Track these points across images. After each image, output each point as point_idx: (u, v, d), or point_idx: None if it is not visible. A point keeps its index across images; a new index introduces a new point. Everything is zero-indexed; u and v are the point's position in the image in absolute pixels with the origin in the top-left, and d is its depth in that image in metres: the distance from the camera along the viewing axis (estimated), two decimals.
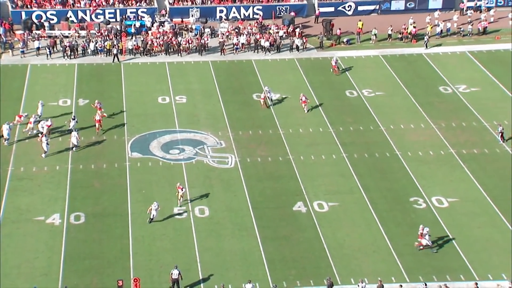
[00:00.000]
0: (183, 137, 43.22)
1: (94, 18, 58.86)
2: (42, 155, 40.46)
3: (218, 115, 45.85)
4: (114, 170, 39.61)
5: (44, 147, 40.52)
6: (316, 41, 56.90)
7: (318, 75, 51.79)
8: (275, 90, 48.89)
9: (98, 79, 50.13)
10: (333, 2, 62.75)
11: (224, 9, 61.07)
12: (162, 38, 55.00)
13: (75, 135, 41.39)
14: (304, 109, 46.33)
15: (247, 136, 43.51)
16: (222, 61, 53.70)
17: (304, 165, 40.71)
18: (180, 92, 48.76)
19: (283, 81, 50.60)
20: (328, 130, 44.37)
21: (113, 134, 43.13)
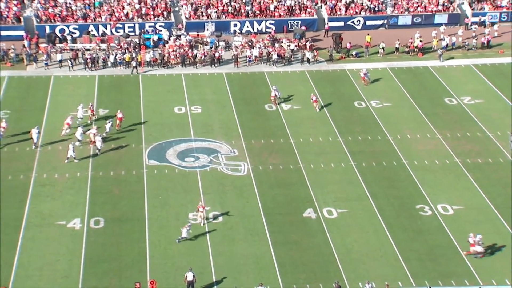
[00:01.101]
0: (198, 145, 43.31)
1: (114, 32, 59.26)
2: (97, 150, 41.24)
3: (232, 125, 45.93)
4: (132, 177, 39.74)
5: (98, 144, 41.23)
6: (326, 54, 56.93)
7: (328, 87, 51.79)
8: (286, 101, 48.94)
9: (118, 90, 50.41)
10: (343, 16, 62.79)
11: (238, 23, 61.28)
12: (179, 51, 55.27)
13: (99, 139, 41.69)
14: (316, 108, 46.91)
15: (259, 145, 43.52)
16: (236, 73, 53.84)
17: (314, 173, 40.65)
18: (196, 102, 48.92)
19: (294, 92, 50.64)
20: (337, 140, 44.31)
21: (131, 142, 43.29)
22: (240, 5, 62.29)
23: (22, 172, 39.68)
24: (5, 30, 57.60)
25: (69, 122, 43.84)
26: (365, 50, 57.81)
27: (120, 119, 44.54)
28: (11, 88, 49.84)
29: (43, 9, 59.40)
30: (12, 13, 58.54)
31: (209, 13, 61.24)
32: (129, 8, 60.53)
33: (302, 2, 63.10)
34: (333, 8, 63.25)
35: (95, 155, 41.60)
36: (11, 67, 53.19)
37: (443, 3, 63.97)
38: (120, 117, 44.64)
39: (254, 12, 62.01)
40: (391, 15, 63.34)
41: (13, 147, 42.14)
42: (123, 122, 44.86)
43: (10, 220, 35.79)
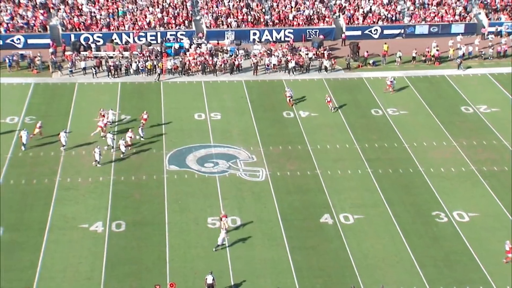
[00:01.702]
0: (217, 151, 43.41)
1: (137, 40, 59.70)
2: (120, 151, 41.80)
3: (250, 131, 45.99)
4: (153, 182, 39.92)
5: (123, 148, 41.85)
6: (344, 62, 56.82)
7: (345, 95, 51.67)
8: (304, 108, 48.92)
9: (139, 97, 50.72)
10: (360, 26, 62.66)
11: (257, 32, 61.40)
12: (199, 59, 55.50)
13: (123, 143, 42.02)
14: (331, 108, 47.79)
15: (277, 151, 43.51)
16: (255, 81, 53.94)
17: (331, 179, 40.54)
18: (215, 109, 49.07)
19: (312, 100, 50.59)
20: (354, 147, 44.16)
21: (152, 148, 43.51)
22: (259, 14, 62.43)
23: (47, 176, 40.04)
24: (32, 38, 58.24)
25: (102, 125, 44.35)
26: (382, 58, 57.61)
27: (145, 120, 45.19)
28: (36, 95, 50.36)
29: (68, 18, 60.02)
30: (38, 22, 59.20)
31: (229, 22, 61.45)
32: (151, 17, 60.95)
33: (320, 12, 63.08)
34: (350, 17, 63.15)
35: (118, 160, 41.85)
36: (37, 74, 53.77)
37: (459, 13, 63.58)
38: (145, 118, 45.27)
39: (273, 21, 62.11)
40: (408, 24, 63.07)
41: (38, 152, 42.55)
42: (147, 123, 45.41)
43: (34, 223, 36.11)
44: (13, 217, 36.43)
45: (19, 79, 52.52)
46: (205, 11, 62.66)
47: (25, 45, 57.81)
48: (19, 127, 44.90)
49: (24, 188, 38.95)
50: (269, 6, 63.70)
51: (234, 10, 62.53)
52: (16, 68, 54.39)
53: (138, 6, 62.19)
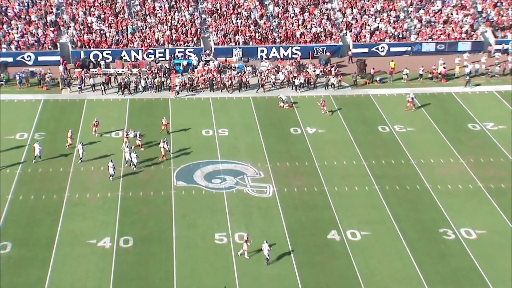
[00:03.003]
0: (225, 167, 43.48)
1: (145, 57, 60.11)
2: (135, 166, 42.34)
3: (258, 147, 46.07)
4: (160, 198, 39.98)
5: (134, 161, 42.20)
6: (351, 79, 56.99)
7: (352, 111, 51.75)
8: (311, 125, 49.01)
9: (148, 113, 50.95)
10: (367, 43, 62.86)
11: (265, 49, 61.70)
12: (207, 75, 55.77)
13: (134, 156, 42.23)
14: (326, 112, 49.46)
15: (285, 168, 43.53)
16: (262, 97, 54.13)
17: (338, 195, 40.50)
18: (223, 125, 49.23)
19: (319, 116, 50.69)
20: (361, 163, 44.14)
21: (160, 164, 43.63)
22: (267, 31, 62.80)
23: (56, 192, 40.18)
24: (42, 55, 58.73)
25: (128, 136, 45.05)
26: (389, 76, 57.72)
27: (165, 125, 46.94)
28: (46, 111, 50.70)
29: (78, 35, 60.57)
30: (48, 39, 59.75)
31: (237, 39, 61.82)
32: (160, 34, 61.40)
33: (327, 29, 63.38)
34: (357, 35, 63.40)
35: (126, 175, 41.98)
36: (47, 91, 54.17)
37: (466, 31, 63.71)
38: (165, 124, 46.94)
39: (280, 38, 62.44)
40: (415, 42, 63.22)
41: (47, 168, 42.75)
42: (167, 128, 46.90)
43: (43, 238, 36.19)
44: (21, 233, 36.55)
45: (29, 96, 52.95)
46: (213, 28, 63.08)
47: (35, 62, 58.28)
48: (29, 143, 45.18)
49: (33, 203, 39.10)
50: (277, 23, 64.06)
51: (242, 27, 62.93)
52: (26, 85, 54.81)
53: (147, 23, 62.70)
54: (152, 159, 43.99)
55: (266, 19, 64.49)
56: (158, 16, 63.39)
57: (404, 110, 51.56)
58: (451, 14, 65.57)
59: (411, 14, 65.76)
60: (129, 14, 63.31)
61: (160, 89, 54.83)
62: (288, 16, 64.58)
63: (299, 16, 64.47)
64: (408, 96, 52.51)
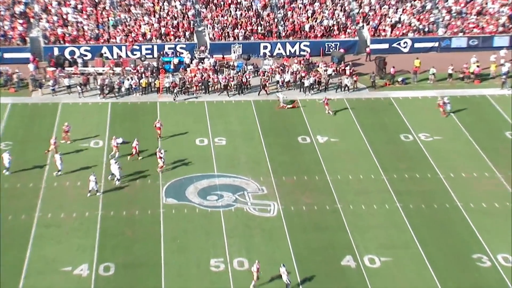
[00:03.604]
0: (222, 182, 43.52)
1: (130, 55, 60.30)
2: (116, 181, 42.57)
3: (260, 159, 46.12)
4: (147, 217, 39.99)
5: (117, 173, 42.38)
6: (368, 80, 57.11)
7: (370, 117, 51.82)
8: (322, 133, 49.09)
9: (133, 119, 51.05)
10: (388, 38, 63.05)
11: (269, 45, 61.89)
12: (201, 75, 55.92)
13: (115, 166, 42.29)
14: (329, 111, 50.48)
15: (291, 182, 43.57)
16: (265, 101, 54.24)
17: (353, 215, 40.48)
18: (219, 133, 49.31)
19: (331, 123, 50.77)
20: (380, 177, 44.15)
21: (146, 178, 43.67)
22: (271, 25, 63.00)
23: (24, 211, 40.17)
24: (9, 52, 58.91)
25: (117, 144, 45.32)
26: (413, 76, 57.84)
27: (159, 129, 47.82)
28: (14, 117, 50.81)
29: (51, 29, 60.81)
30: (17, 33, 59.99)
31: (236, 34, 62.03)
32: (147, 28, 61.65)
33: (341, 22, 63.60)
34: (376, 28, 63.60)
35: (107, 191, 42.00)
36: (14, 93, 54.31)
37: (503, 23, 63.86)
38: (159, 127, 47.83)
39: (286, 32, 62.65)
40: (443, 36, 63.41)
41: (15, 183, 42.79)
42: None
43: (9, 266, 36.07)
44: None
45: None
46: (208, 21, 63.32)
47: (1, 59, 58.38)
48: None
49: None
50: (282, 15, 64.30)
51: (242, 20, 63.15)
52: None
53: (132, 15, 62.96)
54: (138, 172, 44.02)
55: (270, 10, 64.75)
56: (144, 7, 63.70)
57: (440, 116, 51.60)
58: (486, 4, 65.79)
59: (439, 5, 66.01)
60: (110, 4, 63.61)
61: (147, 91, 54.98)
62: (296, 7, 64.87)
63: (308, 7, 64.75)
64: (440, 99, 52.46)
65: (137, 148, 45.34)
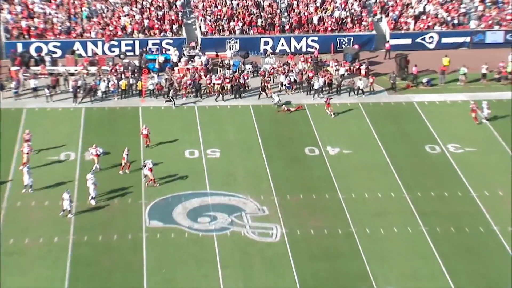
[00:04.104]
0: (216, 201, 43.57)
1: (107, 52, 60.46)
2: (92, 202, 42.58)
3: (260, 174, 46.19)
4: (127, 243, 39.99)
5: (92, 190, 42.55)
6: (387, 81, 57.30)
7: (390, 125, 51.95)
8: (333, 143, 49.20)
9: (111, 127, 51.10)
10: (410, 32, 63.28)
11: (270, 41, 62.11)
12: (192, 76, 56.06)
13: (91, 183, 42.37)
14: (331, 114, 51.27)
15: (297, 201, 43.61)
16: (266, 106, 54.36)
17: (370, 240, 40.53)
18: (213, 144, 49.41)
19: (344, 132, 50.89)
20: (402, 196, 44.21)
21: (127, 196, 43.70)
22: (273, 16, 63.23)
23: None
24: None
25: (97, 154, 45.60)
26: (440, 76, 58.04)
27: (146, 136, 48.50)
28: None
29: (14, 21, 60.97)
30: None
31: (232, 27, 62.24)
32: (127, 20, 61.87)
33: (355, 13, 63.86)
34: (397, 20, 63.85)
35: (80, 212, 42.00)
36: None
37: None
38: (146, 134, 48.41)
39: (291, 25, 62.87)
40: (476, 30, 63.63)
41: None
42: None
43: None
44: None
45: None
46: (200, 12, 63.55)
47: None
48: None
49: None
50: (287, 5, 64.58)
51: (239, 10, 63.36)
52: None
53: (109, 5, 63.19)
54: (117, 190, 44.05)
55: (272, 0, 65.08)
56: None
57: (473, 124, 51.81)
58: None
59: None
60: None
61: (127, 94, 55.14)
62: None
63: None
64: (474, 103, 52.56)
65: (126, 158, 45.45)
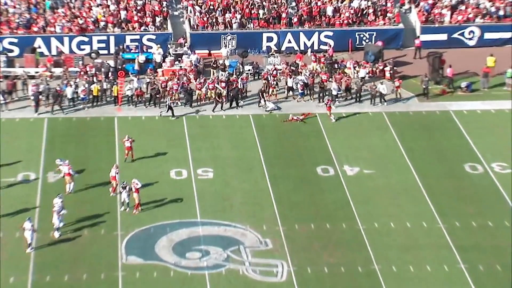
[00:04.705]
0: (208, 232, 43.50)
1: (75, 49, 60.57)
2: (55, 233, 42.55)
3: (263, 199, 46.13)
4: (99, 284, 39.97)
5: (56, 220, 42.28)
6: (418, 86, 57.36)
7: (421, 139, 51.95)
8: (351, 161, 49.23)
9: (79, 142, 51.06)
10: (445, 26, 63.37)
11: (274, 36, 62.21)
12: (178, 80, 56.05)
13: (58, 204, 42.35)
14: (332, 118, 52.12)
15: (307, 232, 43.52)
16: (270, 115, 54.42)
17: (397, 280, 40.51)
18: (204, 162, 49.41)
19: (364, 147, 50.89)
20: (436, 226, 44.13)
21: (99, 227, 43.60)
22: (278, 7, 63.36)
23: None
24: None
25: (70, 172, 45.94)
26: (483, 80, 58.12)
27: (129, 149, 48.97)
28: None
29: None
30: None
31: (229, 20, 62.37)
32: (100, 11, 62.00)
33: (378, 3, 64.00)
34: (429, 11, 63.98)
35: (42, 246, 41.97)
36: None
37: None
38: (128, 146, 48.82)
39: (300, 17, 63.01)
40: None
41: None
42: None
43: None
44: None
45: None
46: (189, 2, 63.70)
47: None
48: None
49: None
50: None
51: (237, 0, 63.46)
52: None
53: None
54: (87, 218, 44.02)
55: None
56: None
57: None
58: None
59: None
60: None
61: (99, 101, 55.18)
62: None
63: None
64: None
65: (116, 178, 45.58)
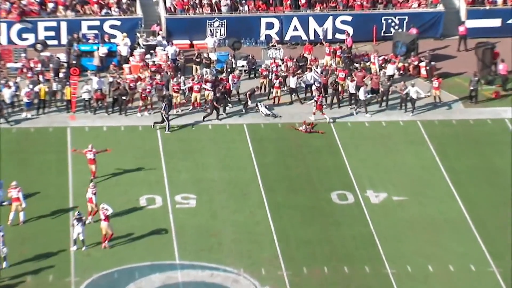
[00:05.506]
0: (189, 278, 43.59)
1: (15, 39, 60.90)
2: None
3: (261, 234, 46.35)
4: None
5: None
6: (463, 86, 57.67)
7: (467, 156, 52.22)
8: (376, 185, 49.41)
9: (21, 159, 51.35)
10: (499, 8, 63.75)
11: (276, 22, 62.49)
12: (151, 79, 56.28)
13: None
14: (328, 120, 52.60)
15: (320, 278, 43.64)
16: (270, 124, 54.73)
17: None
18: (185, 186, 49.61)
19: (393, 167, 51.16)
20: (487, 269, 44.26)
21: (46, 272, 43.72)
22: None
23: None
24: None
25: (18, 196, 46.06)
26: None
27: (92, 162, 49.16)
28: None
29: None
30: None
31: (216, 1, 62.65)
32: None
33: None
34: None
35: None
36: None
37: None
38: (92, 159, 49.14)
39: None
40: None
41: None
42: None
43: None
44: None
45: None
46: None
47: None
48: None
49: None
50: None
51: None
52: None
53: None
54: (31, 260, 44.24)
55: None
56: None
57: None
58: None
59: None
60: None
61: (47, 106, 55.44)
62: None
63: None
64: None
65: (93, 200, 45.94)
